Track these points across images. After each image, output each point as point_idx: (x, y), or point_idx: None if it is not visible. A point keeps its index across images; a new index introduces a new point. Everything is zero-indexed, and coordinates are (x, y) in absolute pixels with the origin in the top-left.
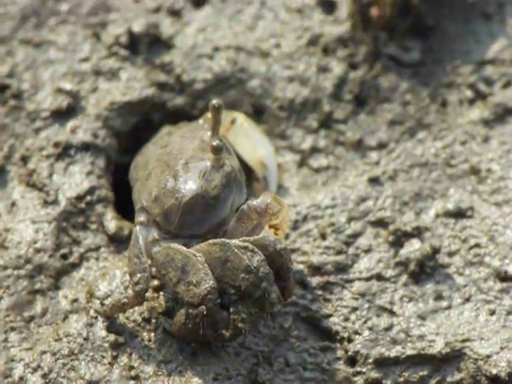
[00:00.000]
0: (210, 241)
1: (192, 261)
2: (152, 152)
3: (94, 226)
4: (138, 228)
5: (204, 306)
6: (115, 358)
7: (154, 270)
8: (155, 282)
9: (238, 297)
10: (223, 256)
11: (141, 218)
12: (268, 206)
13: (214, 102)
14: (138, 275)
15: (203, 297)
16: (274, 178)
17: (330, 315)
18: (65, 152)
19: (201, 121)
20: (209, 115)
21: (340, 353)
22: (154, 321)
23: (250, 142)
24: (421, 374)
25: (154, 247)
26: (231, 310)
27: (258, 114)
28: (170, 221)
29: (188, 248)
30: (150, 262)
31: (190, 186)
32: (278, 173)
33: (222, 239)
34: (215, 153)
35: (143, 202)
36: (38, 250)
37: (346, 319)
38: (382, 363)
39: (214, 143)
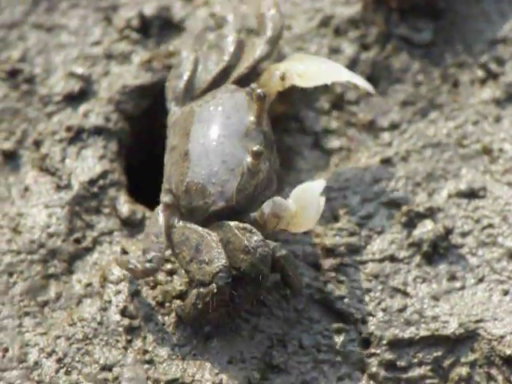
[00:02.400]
0: (215, 223)
1: (206, 240)
2: (195, 123)
3: (106, 210)
4: (161, 207)
5: (215, 284)
6: (129, 342)
7: (168, 252)
8: (169, 266)
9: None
10: (225, 237)
11: (166, 198)
12: (266, 221)
13: (259, 91)
14: (152, 253)
15: (214, 274)
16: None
17: (343, 297)
18: (77, 136)
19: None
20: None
21: (354, 335)
22: (167, 304)
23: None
24: (435, 354)
25: (173, 229)
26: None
27: None
28: (194, 216)
29: None
30: (166, 243)
31: (221, 195)
32: None
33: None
34: (254, 158)
35: (173, 186)
36: (51, 235)
37: (360, 301)
38: (396, 344)
39: (255, 149)
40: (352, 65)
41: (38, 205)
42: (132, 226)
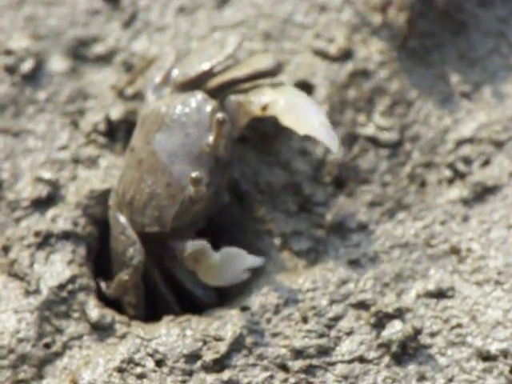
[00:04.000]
0: None
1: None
2: (156, 131)
3: (76, 315)
4: (113, 211)
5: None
6: None
7: None
8: None
9: None
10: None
11: (112, 201)
12: (184, 259)
13: (220, 116)
14: (131, 249)
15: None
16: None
17: None
18: (46, 241)
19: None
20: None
21: None
22: None
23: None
24: None
25: None
26: None
27: (239, 198)
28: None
29: None
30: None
31: (157, 220)
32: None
33: None
34: (193, 184)
35: (120, 190)
36: (20, 340)
37: None
38: None
39: (193, 175)
40: (319, 166)
41: (7, 310)
42: (102, 330)
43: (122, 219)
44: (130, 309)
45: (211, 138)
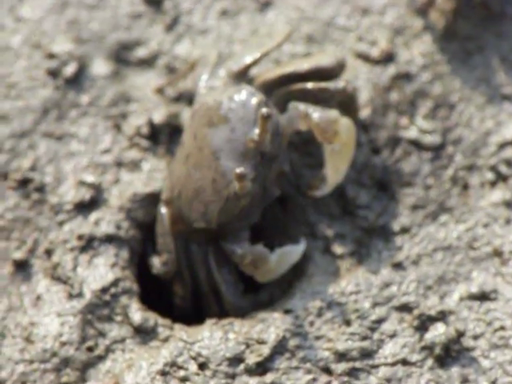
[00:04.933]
0: None
1: None
2: (204, 125)
3: (119, 318)
4: (162, 205)
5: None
6: None
7: None
8: None
9: None
10: None
11: (165, 195)
12: (243, 265)
13: (264, 110)
14: (165, 256)
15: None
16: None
17: None
18: (88, 244)
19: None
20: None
21: None
22: None
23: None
24: None
25: None
26: None
27: (281, 201)
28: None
29: None
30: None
31: (203, 216)
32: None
33: None
34: (238, 180)
35: (170, 184)
36: (63, 344)
37: None
38: None
39: (238, 171)
40: (362, 169)
41: (50, 314)
42: (144, 333)
43: (166, 221)
44: (177, 299)
45: (256, 133)
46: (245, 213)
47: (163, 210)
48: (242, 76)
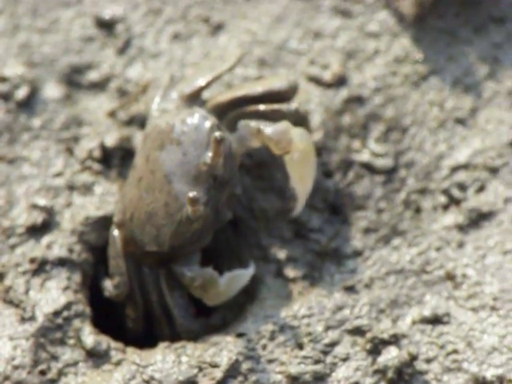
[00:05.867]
0: None
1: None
2: (156, 148)
3: (71, 342)
4: (114, 227)
5: None
6: None
7: None
8: None
9: None
10: None
11: (116, 218)
12: (192, 288)
13: (217, 134)
14: (117, 278)
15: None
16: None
17: None
18: (41, 268)
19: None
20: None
21: None
22: None
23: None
24: None
25: None
26: None
27: (233, 224)
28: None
29: None
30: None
31: (155, 239)
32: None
33: None
34: (190, 204)
35: (122, 206)
36: (16, 367)
37: None
38: None
39: (190, 195)
40: (314, 192)
41: (3, 337)
42: (97, 356)
43: (118, 244)
44: (129, 322)
45: (209, 157)
46: (197, 236)
47: (115, 232)
48: (194, 99)
